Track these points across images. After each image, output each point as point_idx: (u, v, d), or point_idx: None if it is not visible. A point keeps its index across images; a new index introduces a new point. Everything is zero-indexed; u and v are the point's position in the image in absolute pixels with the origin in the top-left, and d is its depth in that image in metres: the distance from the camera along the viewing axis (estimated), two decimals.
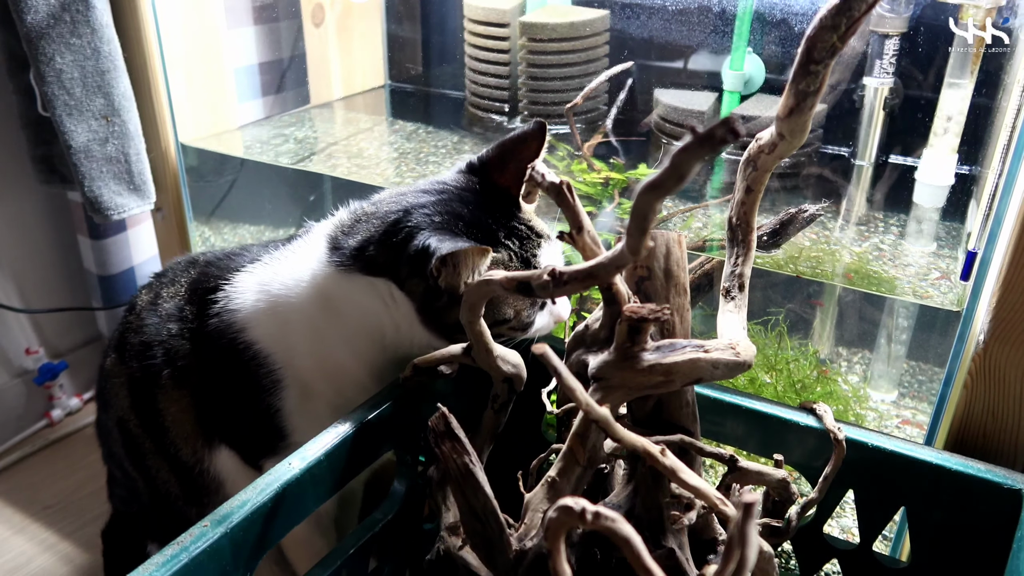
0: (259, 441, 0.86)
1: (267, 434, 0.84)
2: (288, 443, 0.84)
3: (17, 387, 1.51)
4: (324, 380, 0.83)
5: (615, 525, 0.41)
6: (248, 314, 0.84)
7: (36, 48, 1.08)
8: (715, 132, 0.39)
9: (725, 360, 0.61)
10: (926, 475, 0.73)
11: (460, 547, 0.70)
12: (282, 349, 0.83)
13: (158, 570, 0.59)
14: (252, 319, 0.83)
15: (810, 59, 0.58)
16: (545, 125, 0.79)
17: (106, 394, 0.95)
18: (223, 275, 0.87)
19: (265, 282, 0.84)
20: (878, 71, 1.16)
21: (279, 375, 0.83)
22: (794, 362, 1.12)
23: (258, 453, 0.87)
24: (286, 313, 0.82)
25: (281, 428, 0.84)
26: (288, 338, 0.82)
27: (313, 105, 1.61)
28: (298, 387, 0.83)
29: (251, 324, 0.83)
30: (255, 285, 0.85)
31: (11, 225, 1.44)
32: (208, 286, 0.87)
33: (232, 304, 0.84)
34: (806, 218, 0.86)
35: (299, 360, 0.82)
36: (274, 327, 0.83)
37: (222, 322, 0.84)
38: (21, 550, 1.29)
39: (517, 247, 0.79)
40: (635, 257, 0.48)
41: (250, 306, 0.84)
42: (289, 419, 0.84)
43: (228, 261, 0.89)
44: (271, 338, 0.83)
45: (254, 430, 0.85)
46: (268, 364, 0.83)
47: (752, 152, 0.68)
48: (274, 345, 0.83)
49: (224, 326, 0.84)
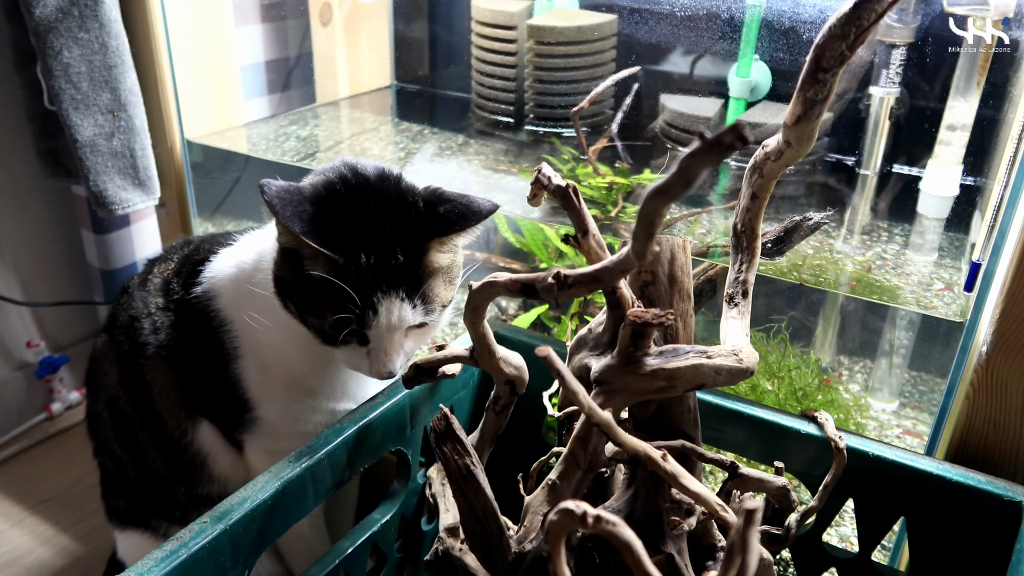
0: (230, 412, 0.87)
1: (235, 405, 0.86)
2: (255, 416, 0.86)
3: (17, 380, 1.51)
4: (274, 353, 0.84)
5: (616, 529, 0.41)
6: (217, 282, 0.86)
7: (44, 42, 1.08)
8: (723, 138, 0.39)
9: (728, 366, 0.61)
10: (927, 485, 0.72)
11: (459, 548, 0.69)
12: (240, 318, 0.84)
13: (157, 565, 0.59)
14: (220, 287, 0.86)
15: (818, 67, 0.58)
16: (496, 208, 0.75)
17: (96, 376, 0.97)
18: (212, 249, 0.89)
19: (238, 254, 0.87)
20: (884, 81, 1.16)
21: (237, 343, 0.85)
22: (796, 370, 1.12)
23: (232, 426, 0.88)
24: (245, 283, 0.84)
25: (246, 400, 0.85)
26: (245, 308, 0.83)
27: (319, 104, 1.62)
28: (255, 357, 0.85)
29: (219, 292, 0.86)
30: (231, 257, 0.87)
31: (15, 218, 1.44)
32: (196, 258, 0.89)
33: (208, 273, 0.87)
34: (810, 226, 0.86)
35: (253, 331, 0.83)
36: (235, 296, 0.85)
37: (201, 291, 0.86)
38: (19, 543, 1.28)
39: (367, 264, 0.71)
40: (641, 261, 0.49)
41: (220, 276, 0.86)
42: (250, 390, 0.85)
43: (222, 238, 0.92)
44: (232, 307, 0.85)
45: (224, 400, 0.86)
46: (230, 332, 0.84)
47: (758, 159, 0.68)
48: (234, 314, 0.84)
49: (200, 294, 0.86)
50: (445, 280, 0.77)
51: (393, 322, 0.73)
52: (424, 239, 0.74)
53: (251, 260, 0.85)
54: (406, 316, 0.73)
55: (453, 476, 0.63)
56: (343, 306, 0.72)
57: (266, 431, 0.86)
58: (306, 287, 0.74)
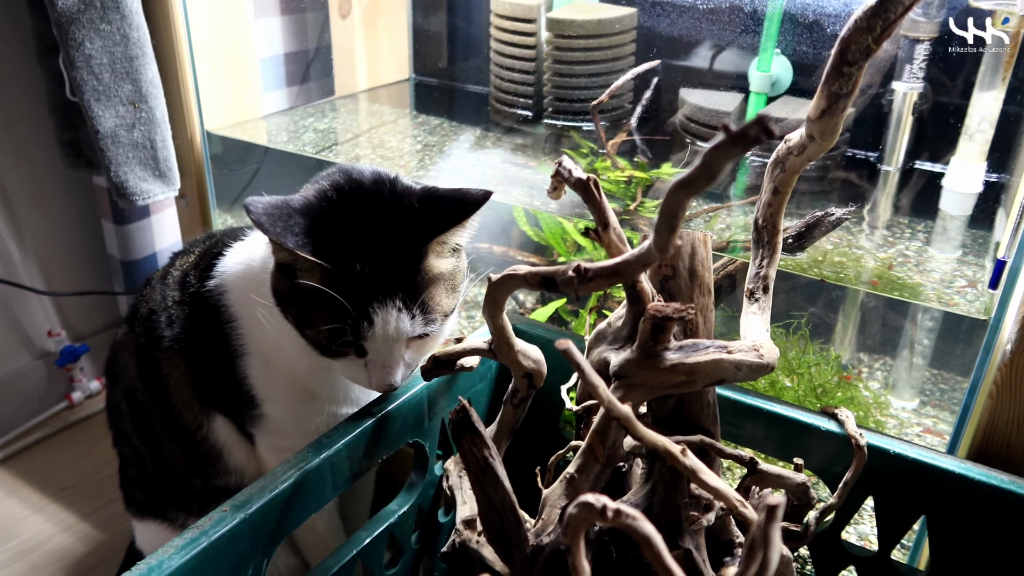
0: (239, 407, 0.87)
1: (243, 401, 0.86)
2: (261, 412, 0.85)
3: (39, 369, 1.53)
4: (277, 353, 0.83)
5: (636, 523, 0.41)
6: (227, 278, 0.85)
7: (66, 33, 1.09)
8: (748, 131, 0.38)
9: (748, 362, 0.61)
10: (948, 484, 0.72)
11: (476, 540, 0.70)
12: (246, 315, 0.83)
13: (178, 553, 0.60)
14: (230, 282, 0.85)
15: (844, 61, 0.57)
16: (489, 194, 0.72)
17: (116, 367, 0.97)
18: (228, 244, 0.89)
19: (248, 250, 0.86)
20: (908, 76, 1.14)
21: (244, 339, 0.84)
22: (815, 367, 1.11)
23: (241, 421, 0.88)
24: (252, 280, 0.83)
25: (252, 396, 0.85)
26: (251, 305, 0.82)
27: (337, 96, 1.62)
28: (260, 355, 0.84)
29: (229, 287, 0.85)
30: (241, 253, 0.86)
31: (37, 208, 1.45)
32: (213, 252, 0.89)
33: (220, 268, 0.86)
34: (832, 221, 0.85)
35: (258, 328, 0.82)
36: (243, 293, 0.83)
37: (213, 285, 0.86)
38: (40, 529, 1.30)
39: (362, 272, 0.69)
40: (662, 255, 0.48)
41: (231, 271, 0.85)
42: (256, 387, 0.85)
43: (239, 232, 0.91)
44: (240, 303, 0.84)
45: (233, 395, 0.86)
46: (237, 328, 0.84)
47: (780, 153, 0.68)
48: (242, 310, 0.84)
49: (212, 288, 0.85)
50: (447, 287, 0.75)
51: (391, 333, 0.71)
52: (421, 242, 0.72)
53: (259, 257, 0.84)
54: (404, 327, 0.71)
55: (471, 468, 0.63)
56: (336, 317, 0.69)
57: (272, 428, 0.87)
58: (300, 298, 0.72)
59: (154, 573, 0.58)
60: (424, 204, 0.73)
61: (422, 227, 0.72)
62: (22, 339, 1.50)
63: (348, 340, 0.71)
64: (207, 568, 0.62)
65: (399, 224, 0.72)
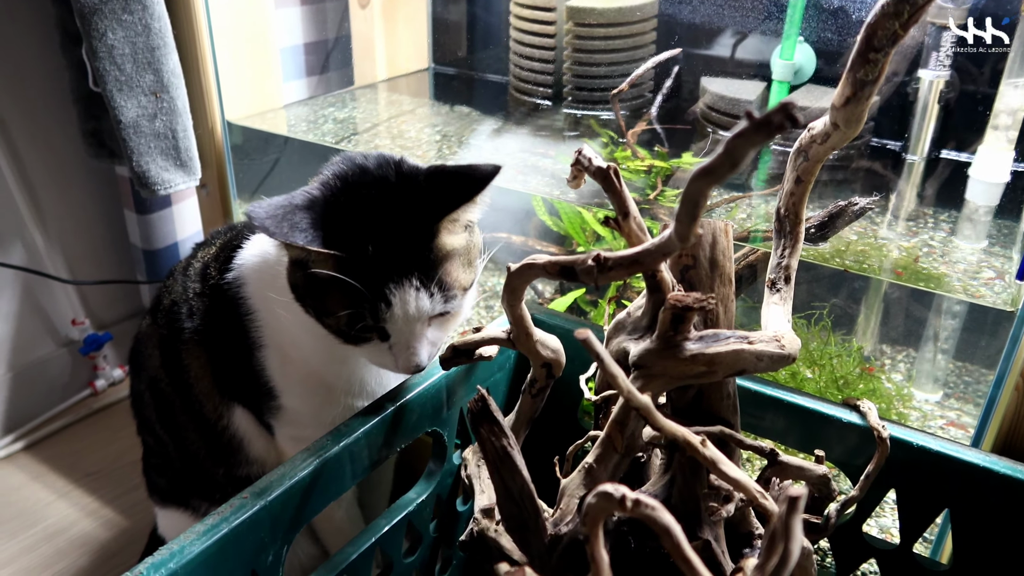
0: (257, 399, 0.87)
1: (261, 392, 0.86)
2: (279, 404, 0.86)
3: (63, 356, 1.55)
4: (293, 345, 0.83)
5: (655, 513, 0.41)
6: (244, 270, 0.85)
7: (89, 23, 1.10)
8: (772, 118, 0.38)
9: (770, 352, 0.60)
10: (973, 478, 0.71)
11: (494, 529, 0.70)
12: (263, 307, 0.84)
13: (199, 539, 0.60)
14: (247, 275, 0.85)
15: (870, 47, 0.56)
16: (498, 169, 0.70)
17: (140, 357, 0.98)
18: (247, 236, 0.89)
19: (264, 243, 0.86)
20: (934, 63, 1.12)
21: (261, 332, 0.84)
22: (837, 358, 1.10)
23: (260, 412, 0.88)
24: (267, 273, 0.83)
25: (271, 388, 0.85)
26: (267, 297, 0.82)
27: (357, 86, 1.62)
28: (277, 348, 0.84)
29: (246, 280, 0.85)
30: (257, 246, 0.86)
31: (61, 198, 1.47)
32: (233, 244, 0.89)
33: (239, 260, 0.86)
34: (856, 211, 0.84)
35: (275, 321, 0.83)
36: (259, 286, 0.84)
37: (231, 277, 0.86)
38: (65, 514, 1.32)
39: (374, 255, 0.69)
40: (683, 244, 0.48)
41: (248, 264, 0.85)
42: (274, 379, 0.85)
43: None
44: (257, 296, 0.84)
45: (251, 387, 0.87)
46: (254, 321, 0.84)
47: (804, 142, 0.67)
48: (259, 303, 0.84)
49: (231, 280, 0.85)
50: (463, 262, 0.74)
51: (411, 312, 0.70)
52: (432, 221, 0.71)
53: (274, 250, 0.84)
54: (423, 305, 0.70)
55: (490, 457, 0.63)
56: (354, 302, 0.69)
57: (290, 419, 0.87)
58: (316, 288, 0.72)
59: (176, 558, 0.59)
60: (432, 182, 0.73)
61: (432, 205, 0.71)
62: (47, 327, 1.52)
63: (369, 325, 0.71)
64: (228, 554, 0.62)
65: (408, 204, 0.71)
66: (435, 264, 0.71)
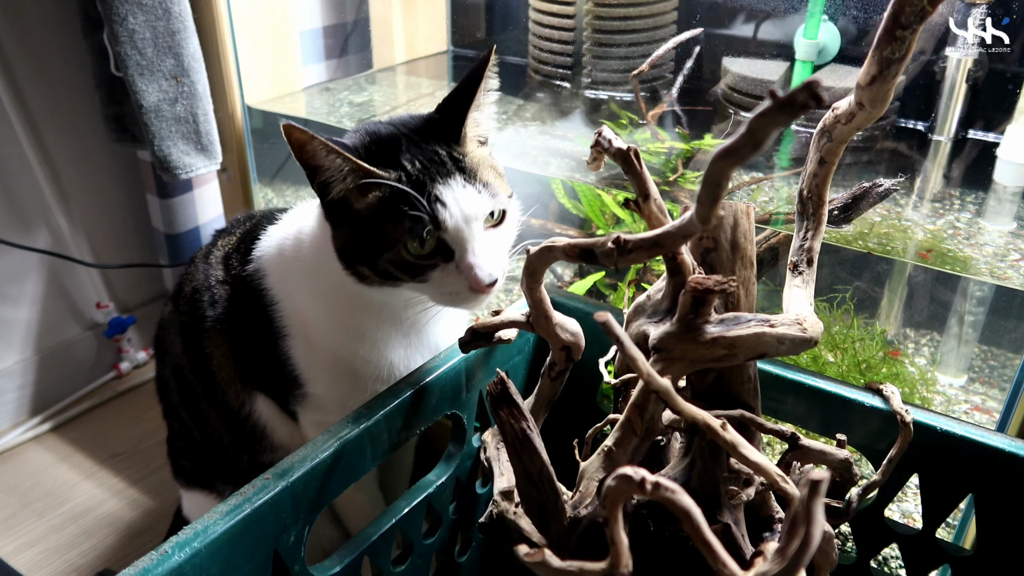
0: (282, 387, 0.88)
1: (286, 380, 0.87)
2: (305, 391, 0.86)
3: (88, 340, 1.57)
4: (318, 333, 0.84)
5: (675, 496, 0.40)
6: (265, 261, 0.87)
7: (110, 8, 1.10)
8: (796, 97, 0.37)
9: (791, 336, 0.60)
10: (998, 463, 0.70)
11: (514, 512, 0.70)
12: (286, 297, 0.85)
13: (223, 519, 0.61)
14: (268, 266, 0.86)
15: (897, 24, 0.55)
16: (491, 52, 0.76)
17: (163, 343, 0.99)
18: (264, 227, 0.90)
19: (281, 233, 0.87)
20: (962, 42, 1.10)
21: (285, 321, 0.85)
22: (860, 342, 1.09)
23: (284, 400, 0.89)
24: (289, 262, 0.84)
25: (296, 376, 0.86)
26: (290, 286, 0.84)
27: (376, 69, 1.62)
28: (302, 336, 0.85)
29: (268, 271, 0.86)
30: (275, 236, 0.88)
31: (84, 182, 1.48)
32: (253, 235, 0.90)
33: (258, 252, 0.87)
34: (880, 193, 0.83)
35: (299, 310, 0.84)
36: (281, 275, 0.85)
37: (252, 268, 0.87)
38: (92, 494, 1.34)
39: (416, 168, 0.73)
40: (704, 226, 0.47)
41: (268, 254, 0.87)
42: (299, 367, 0.86)
43: (279, 213, 0.92)
44: (279, 286, 0.85)
45: (276, 375, 0.87)
46: (278, 310, 0.85)
47: (828, 122, 0.66)
48: (282, 292, 0.85)
49: (252, 271, 0.87)
50: (493, 171, 0.78)
51: (465, 210, 0.72)
52: (456, 128, 0.76)
53: (291, 241, 0.85)
54: (473, 199, 0.73)
55: (509, 440, 0.63)
56: (411, 215, 0.71)
57: (316, 405, 0.87)
58: (367, 228, 0.74)
59: (200, 537, 0.59)
60: (440, 108, 0.79)
61: (449, 119, 0.77)
62: (72, 311, 1.54)
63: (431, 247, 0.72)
64: (250, 534, 0.63)
65: (431, 129, 0.77)
66: (471, 166, 0.76)
